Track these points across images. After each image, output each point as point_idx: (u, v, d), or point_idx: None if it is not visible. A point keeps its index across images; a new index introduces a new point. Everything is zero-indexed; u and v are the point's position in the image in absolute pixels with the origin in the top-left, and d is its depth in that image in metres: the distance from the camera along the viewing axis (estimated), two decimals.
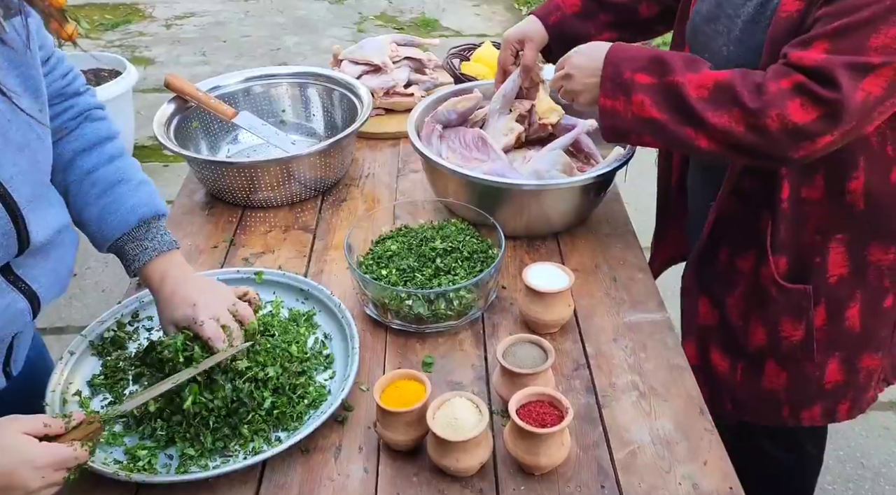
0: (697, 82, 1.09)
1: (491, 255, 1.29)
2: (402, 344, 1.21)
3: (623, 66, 1.15)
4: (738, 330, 1.33)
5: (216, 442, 0.99)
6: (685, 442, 1.04)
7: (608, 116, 1.17)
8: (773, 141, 1.05)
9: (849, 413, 1.36)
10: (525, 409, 0.98)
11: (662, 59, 1.13)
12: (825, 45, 1.02)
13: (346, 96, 1.73)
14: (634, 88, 1.13)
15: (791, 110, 1.03)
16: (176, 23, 5.24)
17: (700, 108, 1.08)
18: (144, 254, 1.05)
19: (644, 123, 1.13)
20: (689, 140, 1.11)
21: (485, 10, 5.44)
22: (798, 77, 1.03)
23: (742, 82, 1.06)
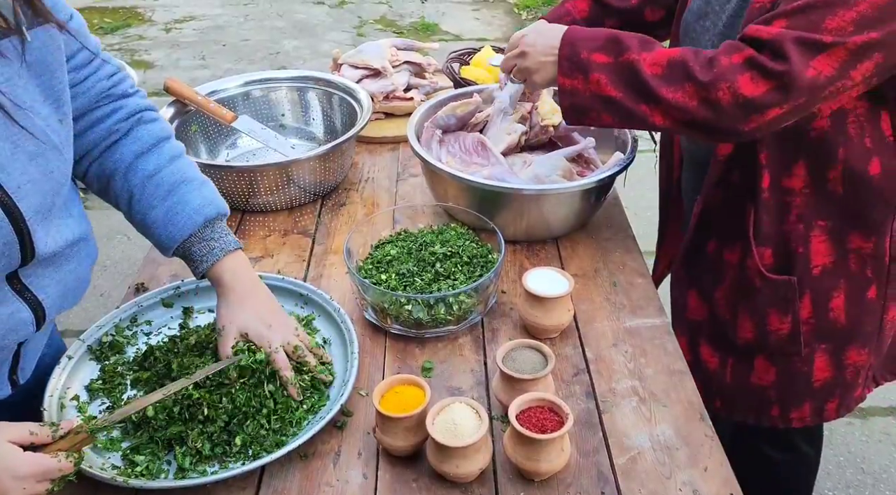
0: (652, 60, 1.11)
1: (491, 260, 1.29)
2: (401, 349, 1.21)
3: (580, 45, 1.16)
4: (727, 324, 1.34)
5: (215, 447, 0.99)
6: (685, 447, 1.03)
7: (567, 95, 1.18)
8: (724, 114, 1.07)
9: (837, 412, 1.36)
10: (525, 415, 0.98)
11: (618, 39, 1.15)
12: (783, 22, 1.04)
13: (345, 100, 1.72)
14: (591, 67, 1.14)
15: (741, 83, 1.05)
16: (175, 27, 5.25)
17: (654, 85, 1.10)
18: (212, 254, 1.04)
19: (602, 101, 1.15)
20: (645, 116, 1.13)
21: (484, 15, 5.45)
22: (749, 51, 1.05)
23: (694, 58, 1.09)
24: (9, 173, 0.83)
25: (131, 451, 0.98)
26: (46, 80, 0.87)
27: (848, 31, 1.01)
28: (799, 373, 1.31)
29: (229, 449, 0.99)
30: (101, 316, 1.21)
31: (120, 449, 0.99)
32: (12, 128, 0.82)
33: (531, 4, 5.46)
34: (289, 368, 1.04)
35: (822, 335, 1.28)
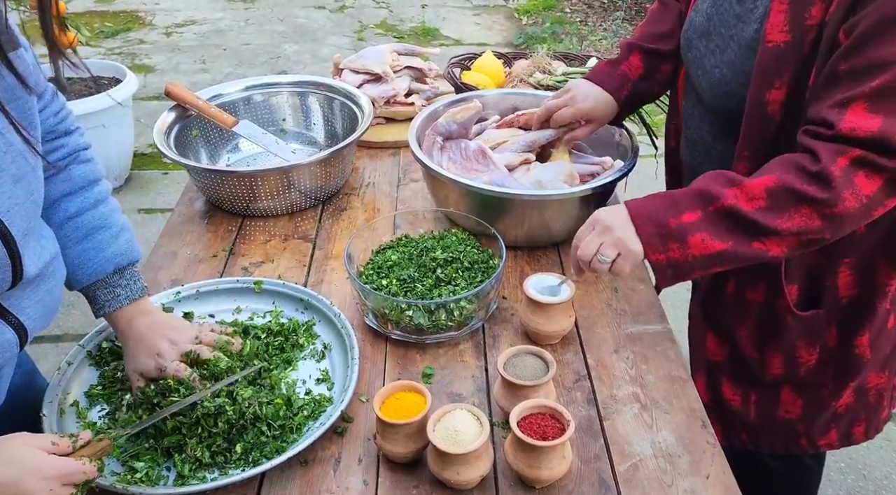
0: (747, 196, 1.04)
1: (492, 266, 1.29)
2: (402, 354, 1.21)
3: (661, 215, 1.08)
4: (753, 361, 1.31)
5: (215, 456, 0.99)
6: (687, 455, 1.03)
7: (668, 268, 1.08)
8: (852, 219, 1.03)
9: (866, 434, 1.35)
10: (526, 421, 0.98)
11: (693, 192, 1.08)
12: (865, 106, 0.99)
13: (346, 105, 1.72)
14: (687, 230, 1.06)
15: (860, 184, 1.00)
16: (176, 31, 5.25)
17: (765, 220, 1.03)
18: (115, 301, 1.07)
19: (709, 259, 1.06)
20: (760, 254, 1.06)
21: (485, 20, 5.45)
22: (855, 152, 1.00)
23: (797, 178, 1.02)
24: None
25: (131, 458, 0.98)
26: (22, 103, 0.88)
27: None
28: (826, 402, 1.30)
29: (229, 456, 0.99)
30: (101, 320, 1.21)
31: (120, 456, 0.99)
32: None
33: (532, 10, 5.47)
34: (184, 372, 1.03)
35: (849, 369, 1.27)
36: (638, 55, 1.44)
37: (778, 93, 1.10)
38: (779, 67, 1.09)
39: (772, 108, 1.11)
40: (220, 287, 1.28)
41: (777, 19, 1.08)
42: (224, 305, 1.26)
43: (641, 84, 1.45)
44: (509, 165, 1.49)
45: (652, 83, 1.46)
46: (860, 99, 0.99)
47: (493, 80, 1.91)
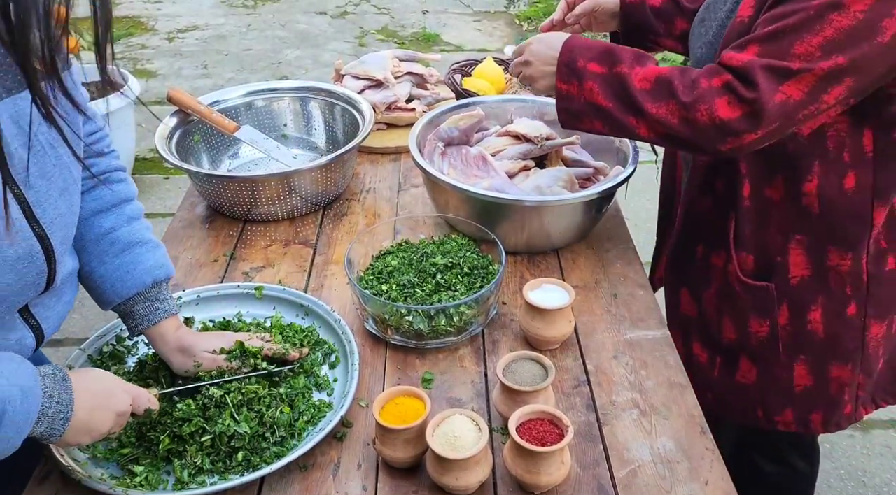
0: (642, 75, 1.16)
1: (491, 271, 1.29)
2: (401, 359, 1.21)
3: (578, 54, 1.21)
4: (713, 324, 1.37)
5: (215, 463, 0.99)
6: (686, 461, 1.03)
7: (563, 99, 1.23)
8: (703, 133, 1.11)
9: (824, 425, 1.36)
10: (525, 427, 0.98)
11: (614, 51, 1.20)
12: (756, 49, 1.07)
13: (347, 111, 1.73)
14: (586, 76, 1.19)
15: (718, 106, 1.08)
16: (178, 36, 5.27)
17: (641, 99, 1.14)
18: (154, 315, 1.08)
19: (593, 109, 1.20)
20: (631, 128, 1.18)
21: (485, 26, 5.47)
22: (727, 76, 1.08)
23: (679, 77, 1.13)
24: (44, 208, 0.88)
25: (130, 462, 0.98)
26: (72, 119, 0.91)
27: (815, 56, 1.03)
28: (780, 378, 1.33)
29: (229, 462, 0.99)
30: (101, 323, 1.21)
31: (119, 459, 0.99)
32: (46, 165, 0.87)
33: (532, 15, 5.48)
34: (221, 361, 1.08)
35: (800, 345, 1.30)
36: None
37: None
38: (740, 38, 1.13)
39: None
40: (221, 292, 1.29)
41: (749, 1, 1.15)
42: (225, 311, 1.27)
43: (650, 13, 1.51)
44: (509, 171, 1.50)
45: (660, 24, 1.52)
46: (754, 41, 1.08)
47: (494, 86, 1.92)
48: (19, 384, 0.82)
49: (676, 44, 1.52)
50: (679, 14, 1.50)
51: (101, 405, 0.90)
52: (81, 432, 0.88)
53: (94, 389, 0.90)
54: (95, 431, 0.90)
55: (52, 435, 0.86)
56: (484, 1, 5.89)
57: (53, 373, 0.87)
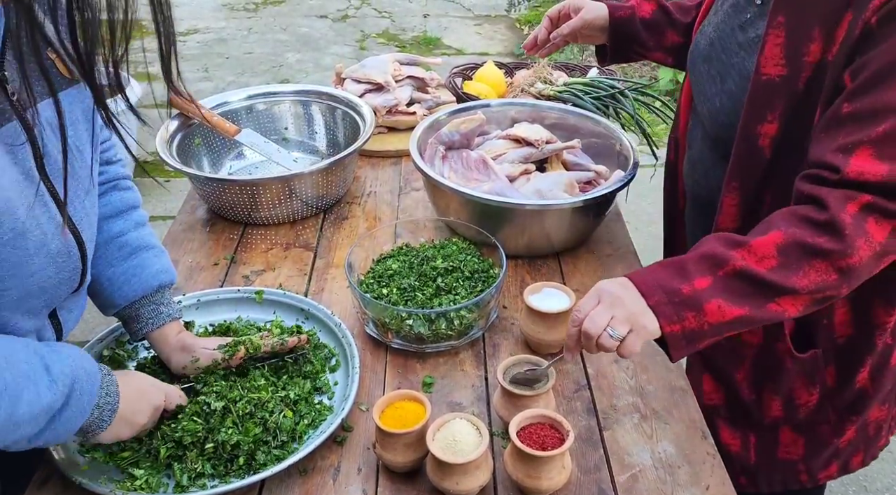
0: (756, 256, 0.97)
1: (492, 275, 1.29)
2: (402, 363, 1.21)
3: (670, 283, 0.98)
4: (751, 404, 1.28)
5: (216, 467, 0.99)
6: (687, 466, 1.03)
7: (682, 340, 0.98)
8: (865, 269, 0.97)
9: (863, 462, 1.34)
10: (526, 431, 0.98)
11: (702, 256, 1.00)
12: (871, 151, 0.95)
13: (348, 114, 1.73)
14: (702, 297, 0.97)
15: (872, 231, 0.95)
16: (179, 39, 5.26)
17: (780, 280, 0.96)
18: (159, 318, 1.10)
19: (726, 326, 0.98)
20: (776, 315, 0.99)
21: (486, 30, 5.48)
22: (864, 197, 0.95)
23: (806, 231, 0.96)
24: (75, 207, 0.92)
25: (130, 465, 0.98)
26: (90, 126, 0.94)
27: None
28: (830, 442, 1.29)
29: (230, 466, 0.99)
30: (101, 327, 1.21)
31: (119, 463, 0.99)
32: (73, 166, 0.89)
33: (532, 19, 5.49)
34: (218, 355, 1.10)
35: (850, 405, 1.25)
36: (654, 4, 1.46)
37: (770, 127, 1.08)
38: (771, 101, 1.07)
39: (762, 141, 1.09)
40: (221, 296, 1.29)
41: (772, 52, 1.05)
42: (225, 315, 1.27)
43: (641, 26, 1.45)
44: (510, 175, 1.50)
45: (650, 35, 1.46)
46: (866, 144, 0.95)
47: (495, 89, 1.92)
48: (83, 366, 0.87)
49: (666, 56, 1.49)
50: (670, 26, 1.46)
51: (140, 398, 0.95)
52: (124, 424, 0.93)
53: (133, 385, 0.95)
54: (136, 424, 0.95)
55: (98, 427, 0.90)
56: (484, 5, 5.91)
57: (102, 367, 0.91)
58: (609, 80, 1.92)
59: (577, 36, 1.54)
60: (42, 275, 0.88)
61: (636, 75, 4.50)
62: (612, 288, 1.00)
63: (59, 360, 0.85)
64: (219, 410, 1.00)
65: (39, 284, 0.88)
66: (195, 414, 1.00)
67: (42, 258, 0.86)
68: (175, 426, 1.00)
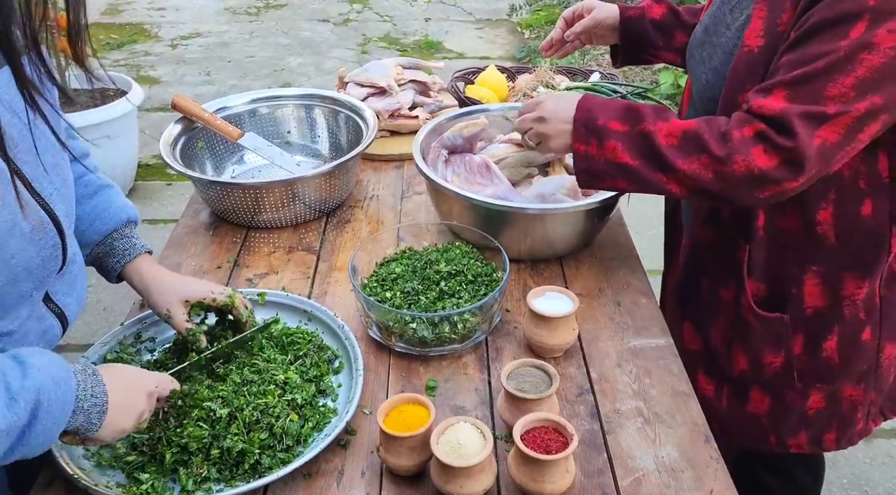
0: (667, 130, 1.12)
1: (495, 279, 1.29)
2: (405, 367, 1.21)
3: (596, 113, 1.17)
4: (722, 357, 1.34)
5: (222, 471, 0.99)
6: (691, 470, 1.03)
7: (582, 160, 1.19)
8: (739, 185, 1.08)
9: (837, 443, 1.35)
10: (529, 435, 0.98)
11: (634, 108, 1.16)
12: (784, 93, 1.04)
13: (351, 118, 1.74)
14: (607, 134, 1.15)
15: (755, 156, 1.06)
16: (181, 43, 5.29)
17: (670, 156, 1.11)
18: (134, 249, 1.13)
19: (617, 168, 1.16)
20: (660, 185, 1.14)
21: (487, 33, 5.49)
22: (759, 125, 1.06)
23: (708, 130, 1.10)
24: (41, 183, 0.90)
25: (136, 469, 0.98)
26: (50, 96, 0.93)
27: (850, 97, 1.01)
28: (793, 405, 1.31)
29: (236, 470, 0.99)
30: (103, 330, 1.22)
31: (124, 467, 0.99)
32: (33, 140, 0.88)
33: (534, 23, 5.50)
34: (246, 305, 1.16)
35: (816, 373, 1.28)
36: (664, 7, 1.51)
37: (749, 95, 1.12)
38: (751, 70, 1.12)
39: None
40: None
41: (756, 25, 1.12)
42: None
43: (650, 27, 1.50)
44: (512, 179, 1.50)
45: (660, 36, 1.51)
46: (780, 86, 1.05)
47: (497, 94, 1.93)
48: (51, 374, 0.83)
49: (676, 57, 1.52)
50: (679, 27, 1.50)
51: (131, 387, 0.93)
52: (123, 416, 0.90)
53: (121, 376, 0.93)
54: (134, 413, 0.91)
55: (88, 430, 0.87)
56: (486, 9, 5.92)
57: (83, 369, 0.89)
58: (611, 84, 1.92)
59: (590, 36, 1.59)
60: (24, 256, 0.87)
61: (637, 79, 4.50)
62: (554, 105, 1.25)
63: (23, 374, 0.80)
64: (224, 417, 1.00)
65: (23, 265, 0.87)
66: (201, 420, 1.00)
67: (17, 238, 0.86)
68: (181, 431, 1.00)
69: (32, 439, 0.80)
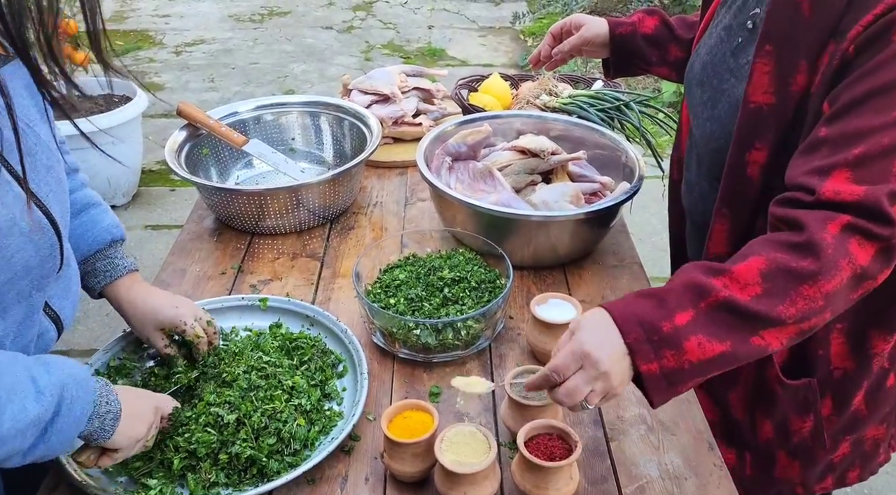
0: (739, 283, 0.90)
1: (499, 285, 1.29)
2: (408, 373, 1.21)
3: (650, 317, 0.90)
4: (744, 425, 1.28)
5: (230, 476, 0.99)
6: (694, 477, 1.03)
7: (661, 379, 0.90)
8: (846, 291, 0.92)
9: (860, 477, 1.34)
10: (533, 442, 0.98)
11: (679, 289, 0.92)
12: (848, 174, 0.92)
13: (355, 125, 1.74)
14: (682, 333, 0.89)
15: (855, 252, 0.91)
16: (185, 50, 5.32)
17: (766, 309, 0.89)
18: (115, 271, 1.12)
19: (707, 364, 0.90)
20: (760, 351, 0.92)
21: (490, 41, 5.51)
22: (844, 217, 0.91)
23: (788, 255, 0.91)
24: (36, 183, 0.91)
25: (144, 475, 0.98)
26: (38, 100, 0.94)
27: None
28: (823, 460, 1.29)
29: (244, 475, 0.99)
30: (105, 335, 1.23)
31: (132, 473, 0.99)
32: (28, 142, 0.89)
33: (536, 31, 5.52)
34: (205, 344, 1.13)
35: (844, 428, 1.26)
36: (657, 19, 1.48)
37: (759, 154, 1.08)
38: (759, 129, 1.07)
39: (751, 170, 1.10)
40: (226, 305, 1.29)
41: (760, 81, 1.05)
42: (230, 323, 1.27)
43: (643, 42, 1.46)
44: (516, 186, 1.51)
45: (653, 50, 1.47)
46: (842, 166, 0.93)
47: (500, 101, 1.93)
48: (73, 373, 0.86)
49: (670, 71, 1.50)
50: (673, 42, 1.47)
51: (139, 398, 0.96)
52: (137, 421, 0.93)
53: (129, 390, 0.96)
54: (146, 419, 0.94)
55: (101, 436, 0.89)
56: (489, 16, 5.94)
57: (97, 378, 0.91)
58: (614, 92, 1.93)
59: (580, 51, 1.57)
60: (23, 255, 0.87)
61: (640, 87, 4.51)
62: (590, 337, 0.91)
63: (47, 371, 0.83)
64: (232, 422, 1.00)
65: (22, 264, 0.88)
66: (208, 425, 1.00)
67: (17, 237, 0.86)
68: (189, 437, 1.00)
69: (53, 436, 0.83)
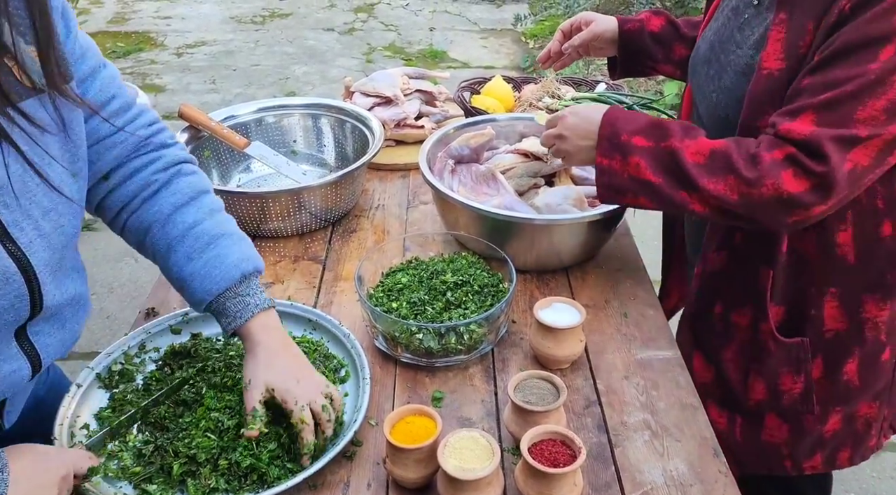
0: (694, 149, 1.11)
1: (502, 289, 1.29)
2: (411, 378, 1.20)
3: (620, 127, 1.17)
4: (737, 384, 1.31)
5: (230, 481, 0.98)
6: (699, 484, 1.02)
7: (605, 175, 1.18)
8: (766, 208, 1.07)
9: (850, 460, 1.34)
10: (537, 448, 0.97)
11: (660, 124, 1.15)
12: (813, 117, 1.03)
13: (357, 128, 1.74)
14: (631, 150, 1.14)
15: (785, 180, 1.04)
16: (187, 51, 5.32)
17: (696, 174, 1.09)
18: (247, 310, 1.02)
19: (639, 185, 1.15)
20: (683, 203, 1.12)
21: (492, 43, 5.51)
22: (789, 148, 1.04)
23: (738, 151, 1.08)
24: (22, 228, 0.83)
25: (143, 481, 0.97)
26: (64, 135, 0.88)
27: (881, 120, 1.00)
28: (812, 430, 1.30)
29: (244, 481, 0.98)
30: (107, 338, 1.22)
31: (132, 478, 0.98)
32: (29, 183, 0.83)
33: (538, 33, 5.52)
34: (311, 432, 0.99)
35: (835, 397, 1.27)
36: (663, 19, 1.51)
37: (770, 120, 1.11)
38: (771, 94, 1.11)
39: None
40: None
41: (774, 47, 1.10)
42: None
43: (649, 39, 1.50)
44: (519, 189, 1.50)
45: (659, 48, 1.50)
46: (808, 109, 1.04)
47: (503, 104, 1.93)
48: None
49: (675, 69, 1.52)
50: (678, 40, 1.49)
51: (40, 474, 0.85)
52: None
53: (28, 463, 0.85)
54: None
55: None
56: (490, 18, 5.94)
57: None
58: (616, 94, 1.92)
59: (588, 48, 1.58)
60: None
61: (642, 90, 4.51)
62: (575, 122, 1.25)
63: None
64: (232, 428, 0.99)
65: None
66: (208, 430, 1.00)
67: None
68: (189, 442, 0.99)
69: None
